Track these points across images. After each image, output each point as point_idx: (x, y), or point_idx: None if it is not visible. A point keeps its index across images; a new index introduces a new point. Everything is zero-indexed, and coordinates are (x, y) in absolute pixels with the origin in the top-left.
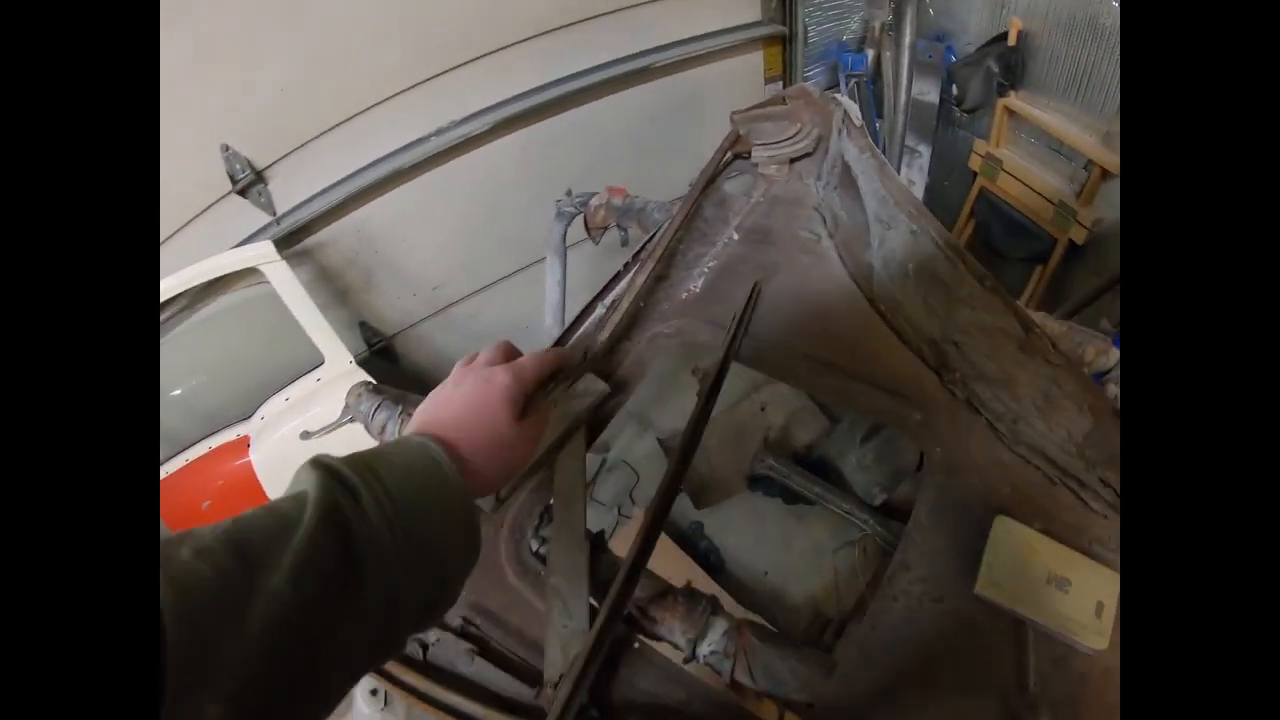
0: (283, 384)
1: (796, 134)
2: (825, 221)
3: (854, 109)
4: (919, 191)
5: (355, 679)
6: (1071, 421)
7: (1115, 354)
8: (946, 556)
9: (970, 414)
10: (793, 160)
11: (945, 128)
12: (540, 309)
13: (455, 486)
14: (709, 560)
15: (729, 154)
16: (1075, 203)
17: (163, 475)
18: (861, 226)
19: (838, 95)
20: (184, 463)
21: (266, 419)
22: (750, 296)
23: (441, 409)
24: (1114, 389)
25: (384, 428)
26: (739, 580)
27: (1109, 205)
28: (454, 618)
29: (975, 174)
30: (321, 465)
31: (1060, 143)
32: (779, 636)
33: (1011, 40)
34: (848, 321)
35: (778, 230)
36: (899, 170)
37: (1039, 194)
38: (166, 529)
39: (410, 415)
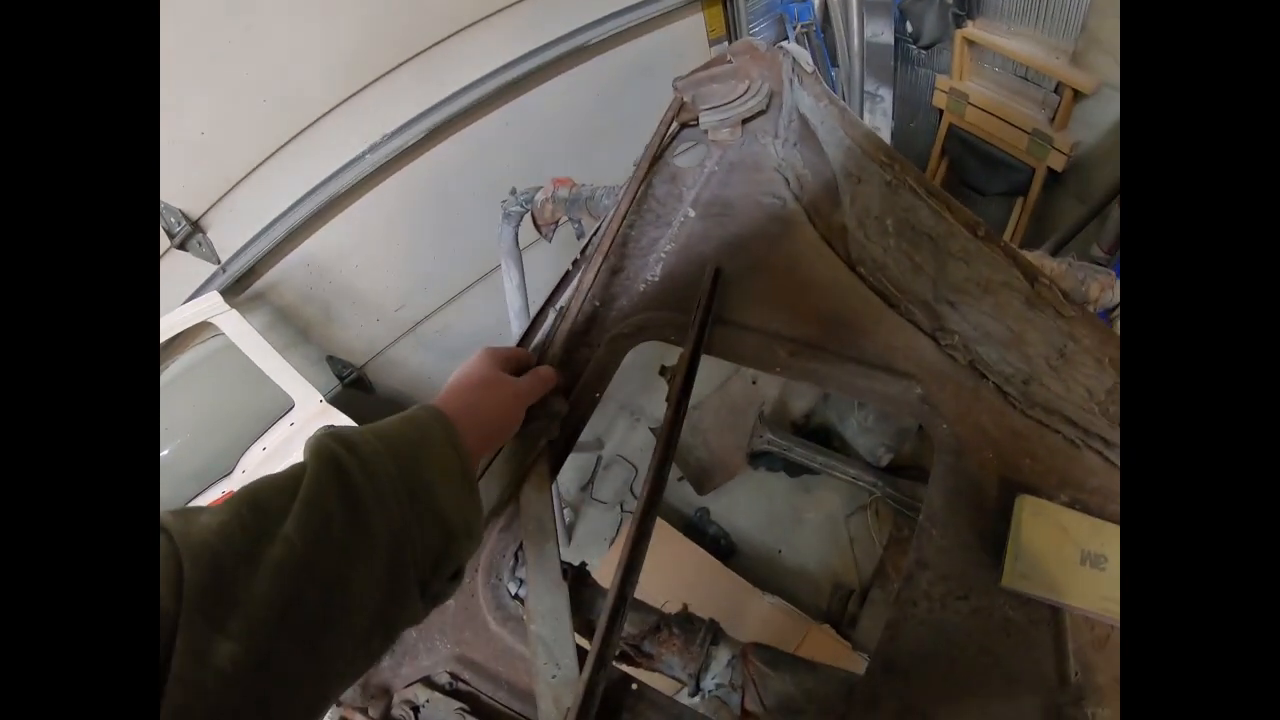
0: (258, 433)
1: (746, 92)
2: (789, 183)
3: (804, 55)
4: (885, 136)
5: (370, 637)
6: (1091, 378)
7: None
8: (967, 549)
9: (976, 379)
10: (745, 121)
11: (905, 68)
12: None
13: (449, 439)
14: (719, 545)
15: (675, 124)
16: (1050, 129)
17: None
18: (830, 183)
19: (784, 44)
20: None
21: (247, 471)
22: (713, 280)
23: (451, 392)
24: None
25: None
26: (753, 562)
27: (1085, 127)
28: (441, 674)
29: (941, 111)
30: (321, 432)
31: (1026, 68)
32: (788, 658)
33: None
34: (827, 292)
35: (738, 200)
36: (862, 117)
37: (1011, 124)
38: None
39: None
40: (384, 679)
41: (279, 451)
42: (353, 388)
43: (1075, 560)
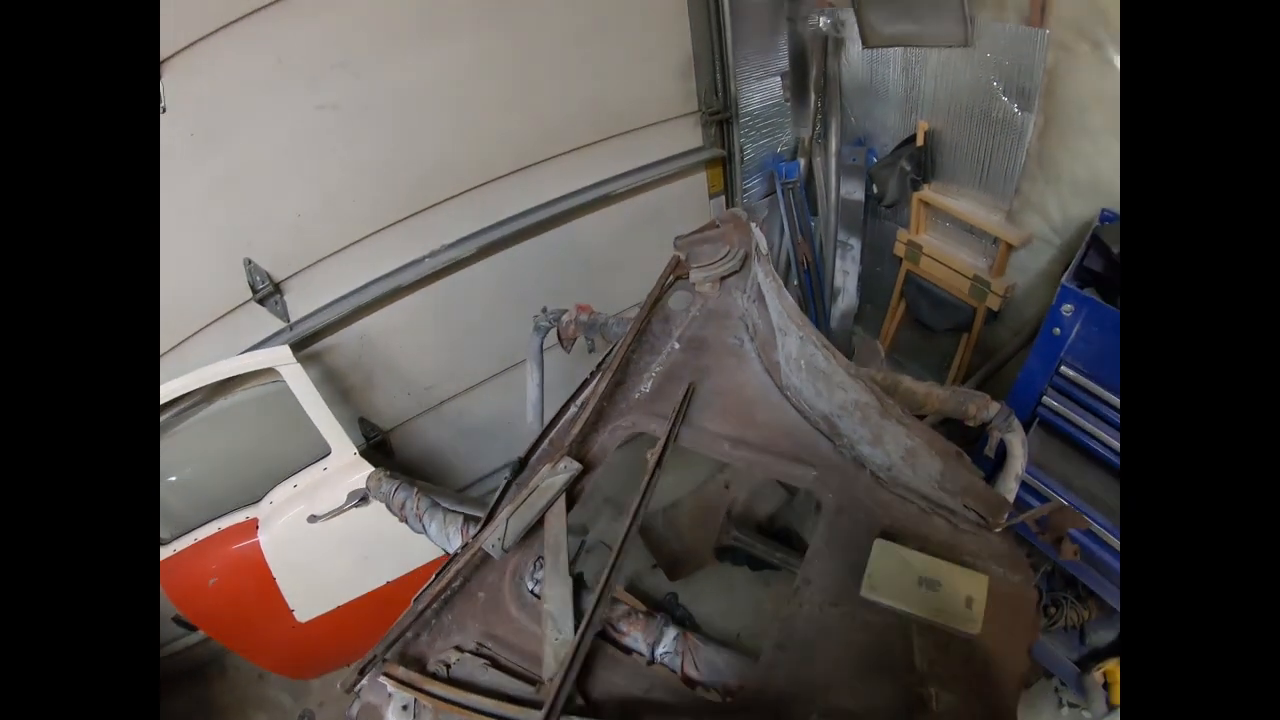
0: (288, 473)
1: (726, 255)
2: (747, 328)
3: (762, 239)
4: (853, 280)
5: None
6: (929, 465)
7: (995, 406)
8: (839, 573)
9: (857, 468)
10: (723, 278)
11: (872, 221)
12: (521, 406)
13: None
14: (684, 626)
15: (671, 277)
16: (989, 275)
17: (171, 553)
18: (771, 332)
19: (753, 225)
20: (192, 541)
21: (275, 503)
22: (685, 395)
23: None
24: (997, 435)
25: (403, 505)
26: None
27: (1018, 272)
28: (470, 643)
29: (901, 259)
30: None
31: (970, 225)
32: (715, 640)
33: (919, 141)
34: (763, 407)
35: (710, 339)
36: (834, 262)
37: (957, 271)
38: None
39: (422, 496)
40: (420, 651)
41: (308, 491)
42: (376, 449)
43: (914, 582)
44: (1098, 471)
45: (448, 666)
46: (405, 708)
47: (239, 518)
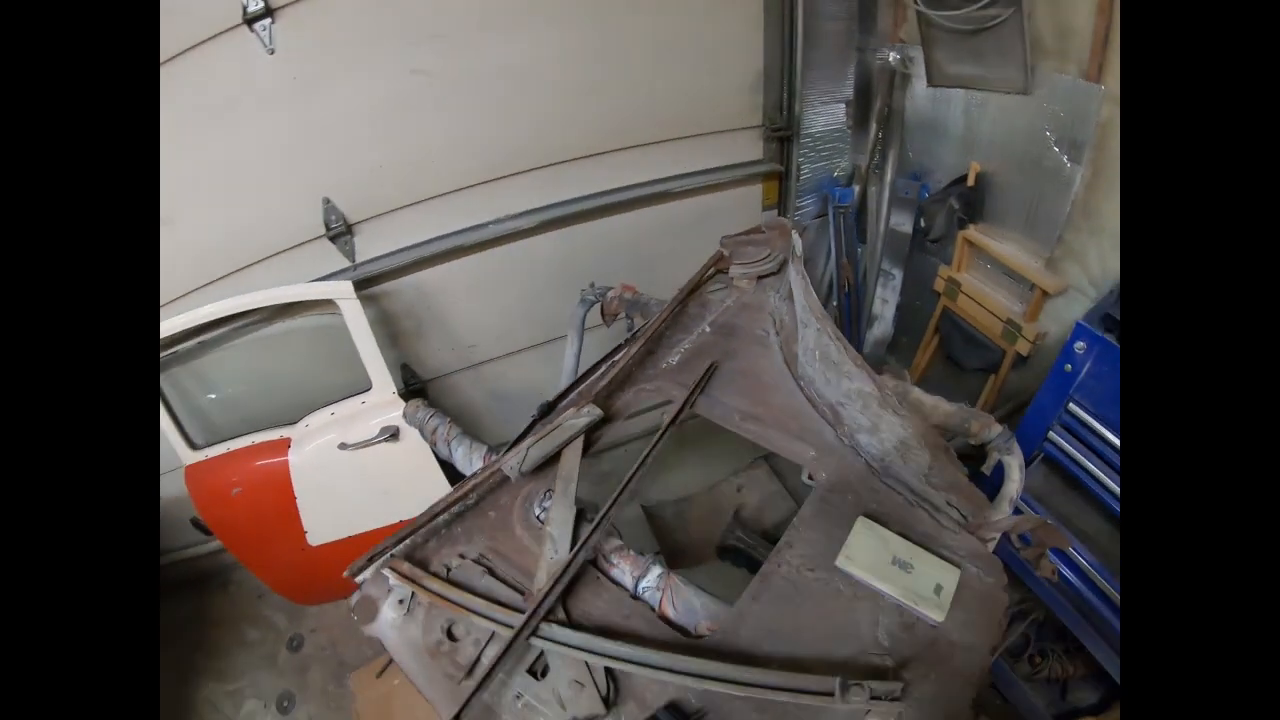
0: (327, 402)
1: (766, 257)
2: (774, 323)
3: (799, 243)
4: (891, 309)
5: None
6: (919, 456)
7: (997, 428)
8: (820, 543)
9: (854, 455)
10: (761, 276)
11: (916, 255)
12: (555, 379)
13: None
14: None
15: (713, 269)
16: (1022, 319)
17: (202, 458)
18: (795, 326)
19: (793, 231)
20: (224, 450)
21: (311, 427)
22: (708, 370)
23: None
24: (996, 456)
25: (435, 430)
26: None
27: (1052, 321)
28: (473, 552)
29: (939, 295)
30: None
31: (1009, 268)
32: (695, 584)
33: (970, 181)
34: (776, 391)
35: (740, 327)
36: (875, 290)
37: (991, 312)
38: None
39: (453, 425)
40: (425, 555)
41: (343, 420)
42: (413, 395)
43: (888, 561)
44: (1095, 515)
45: (448, 569)
46: (401, 601)
47: (273, 435)
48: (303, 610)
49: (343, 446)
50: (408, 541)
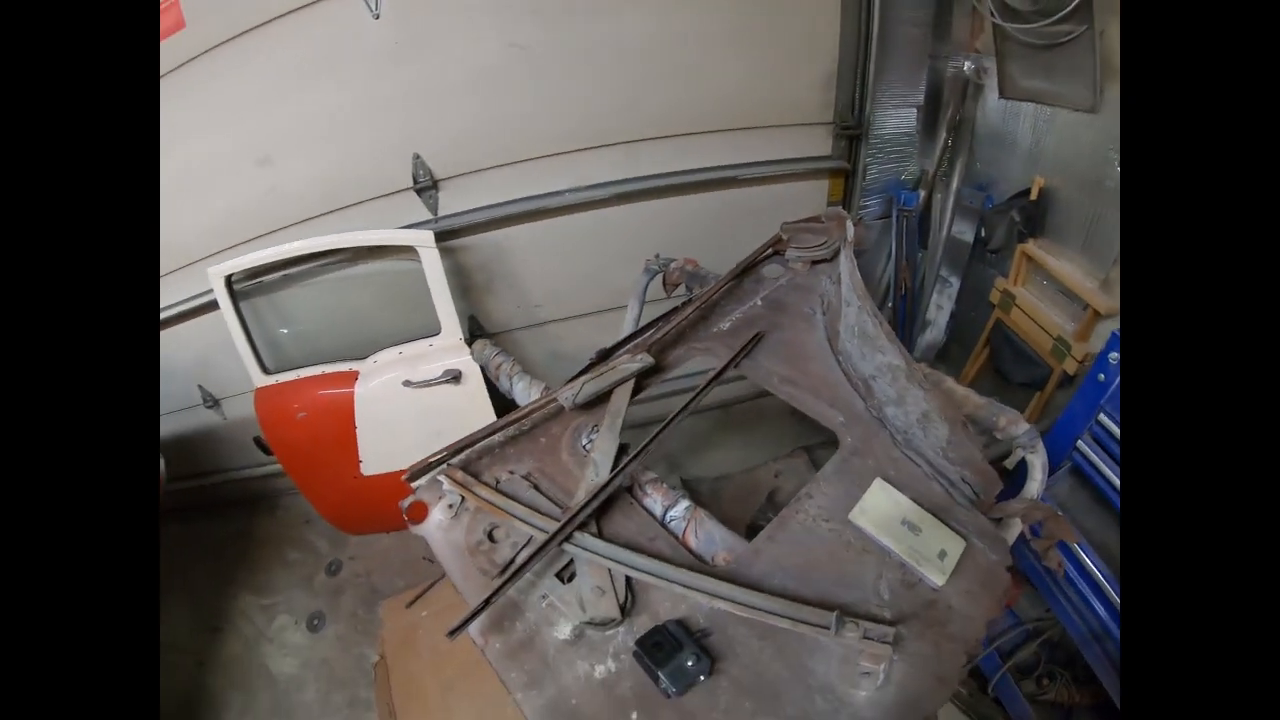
0: (401, 341)
1: (823, 244)
2: (822, 304)
3: (852, 231)
4: (945, 315)
5: None
6: (938, 429)
7: (1024, 425)
8: (839, 497)
9: (879, 426)
10: (815, 261)
11: (975, 264)
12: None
13: None
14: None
15: (770, 250)
16: (1071, 338)
17: (272, 381)
18: (840, 306)
19: (849, 221)
20: (294, 377)
21: (379, 363)
22: (754, 337)
23: None
24: (1019, 453)
25: (499, 365)
26: None
27: (1100, 341)
28: (522, 470)
29: (993, 306)
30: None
31: (1064, 285)
32: (718, 519)
33: (1033, 195)
34: (816, 363)
35: (790, 305)
36: (932, 295)
37: (1043, 328)
38: None
39: (516, 363)
40: (478, 469)
41: (410, 360)
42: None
43: (898, 521)
44: (1118, 532)
45: (498, 480)
46: (451, 506)
47: (342, 367)
48: (345, 539)
49: (407, 384)
50: (465, 454)
